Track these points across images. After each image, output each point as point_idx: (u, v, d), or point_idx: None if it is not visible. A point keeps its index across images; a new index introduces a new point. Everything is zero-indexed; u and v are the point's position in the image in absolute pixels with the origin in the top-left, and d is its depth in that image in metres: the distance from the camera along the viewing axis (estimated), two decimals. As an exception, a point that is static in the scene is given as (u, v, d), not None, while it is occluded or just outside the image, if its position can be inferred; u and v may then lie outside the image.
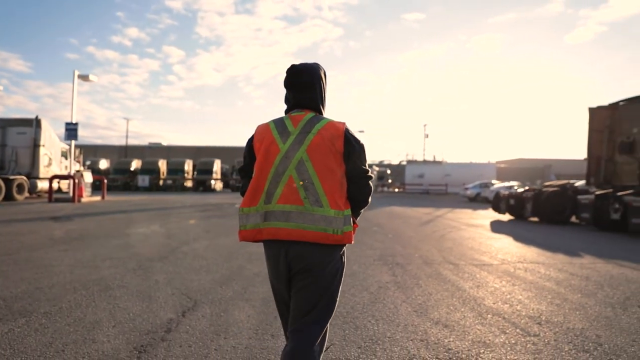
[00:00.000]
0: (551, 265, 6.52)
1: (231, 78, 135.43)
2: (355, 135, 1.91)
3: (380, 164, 61.21)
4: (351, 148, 1.86)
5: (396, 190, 47.09)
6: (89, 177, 19.74)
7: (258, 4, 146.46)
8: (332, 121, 1.90)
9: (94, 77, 20.71)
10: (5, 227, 9.55)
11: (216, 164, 37.68)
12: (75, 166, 21.78)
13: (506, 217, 16.11)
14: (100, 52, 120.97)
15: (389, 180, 49.21)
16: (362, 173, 1.90)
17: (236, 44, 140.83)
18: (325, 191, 1.81)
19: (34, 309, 3.80)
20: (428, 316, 3.87)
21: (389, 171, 51.55)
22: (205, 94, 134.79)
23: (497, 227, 12.54)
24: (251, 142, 1.97)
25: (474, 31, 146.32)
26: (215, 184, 36.87)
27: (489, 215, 16.97)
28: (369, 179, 1.93)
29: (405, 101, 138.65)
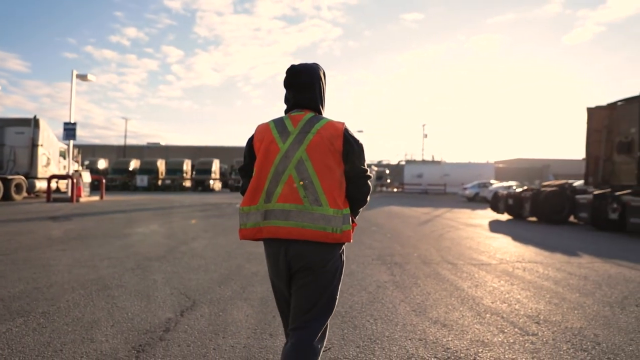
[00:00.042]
0: (549, 264, 6.53)
1: (230, 78, 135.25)
2: (354, 135, 1.93)
3: (379, 164, 61.26)
4: (350, 148, 1.87)
5: (395, 190, 47.11)
6: (87, 177, 19.70)
7: (257, 3, 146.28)
8: (332, 121, 1.92)
9: (92, 76, 20.64)
10: (4, 227, 9.53)
11: (215, 163, 37.64)
12: (74, 166, 21.75)
13: (504, 216, 16.13)
14: (99, 52, 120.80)
15: (388, 180, 49.21)
16: (360, 172, 1.92)
17: (235, 44, 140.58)
18: (324, 190, 1.82)
19: (32, 308, 3.80)
20: (426, 315, 3.88)
21: (387, 171, 51.56)
22: (203, 93, 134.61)
23: (495, 226, 12.56)
24: (251, 141, 1.98)
25: (473, 31, 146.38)
26: (214, 183, 36.82)
27: (487, 215, 17.00)
28: (368, 178, 1.95)
29: (404, 101, 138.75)
